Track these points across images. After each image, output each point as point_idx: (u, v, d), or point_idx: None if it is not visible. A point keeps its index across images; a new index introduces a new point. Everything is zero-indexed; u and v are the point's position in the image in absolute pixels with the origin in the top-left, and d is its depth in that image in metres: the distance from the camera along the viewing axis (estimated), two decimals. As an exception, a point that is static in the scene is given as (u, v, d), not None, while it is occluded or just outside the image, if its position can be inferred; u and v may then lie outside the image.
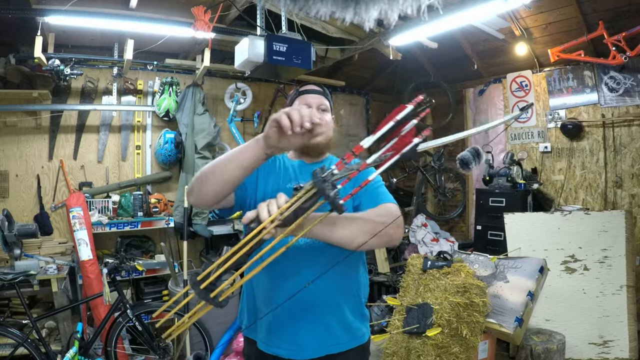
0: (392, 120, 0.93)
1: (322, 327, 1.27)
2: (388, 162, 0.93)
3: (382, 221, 1.13)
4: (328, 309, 1.28)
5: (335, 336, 1.29)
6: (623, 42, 3.40)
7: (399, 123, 0.92)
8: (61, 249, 3.43)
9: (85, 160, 3.79)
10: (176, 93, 3.98)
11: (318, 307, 1.27)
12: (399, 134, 0.92)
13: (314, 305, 1.27)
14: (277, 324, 1.29)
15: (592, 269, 3.04)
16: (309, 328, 1.27)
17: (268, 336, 1.31)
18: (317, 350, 1.27)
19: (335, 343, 1.29)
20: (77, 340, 2.64)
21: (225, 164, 1.12)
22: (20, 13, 2.74)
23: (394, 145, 0.93)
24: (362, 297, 1.38)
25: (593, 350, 2.86)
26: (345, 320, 1.31)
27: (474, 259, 2.93)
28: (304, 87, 1.43)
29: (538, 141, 4.33)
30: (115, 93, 3.86)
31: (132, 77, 3.94)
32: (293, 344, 1.27)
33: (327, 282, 1.27)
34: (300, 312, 1.27)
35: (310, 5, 1.03)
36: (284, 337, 1.28)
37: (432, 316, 2.45)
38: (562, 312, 3.01)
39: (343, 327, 1.30)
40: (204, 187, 1.15)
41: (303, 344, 1.27)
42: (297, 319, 1.27)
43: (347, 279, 1.33)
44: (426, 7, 1.02)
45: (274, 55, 2.72)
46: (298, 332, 1.27)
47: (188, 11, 2.87)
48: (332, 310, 1.29)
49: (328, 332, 1.28)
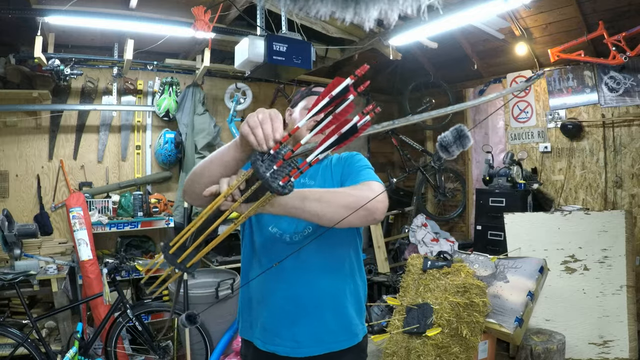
0: (327, 96, 0.83)
1: (320, 324, 1.27)
2: (324, 144, 0.83)
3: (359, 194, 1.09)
4: (326, 304, 1.28)
5: (334, 334, 1.28)
6: (623, 42, 3.40)
7: (334, 99, 0.83)
8: (61, 249, 3.44)
9: (85, 160, 3.79)
10: (176, 93, 3.98)
11: (316, 304, 1.27)
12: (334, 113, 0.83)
13: (312, 301, 1.26)
14: (274, 321, 1.28)
15: (592, 269, 3.04)
16: (307, 325, 1.26)
17: (265, 334, 1.30)
18: (316, 348, 1.27)
19: (334, 341, 1.28)
20: (77, 340, 2.64)
21: (210, 165, 1.12)
22: (20, 13, 2.74)
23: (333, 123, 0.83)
24: (362, 295, 1.38)
25: (593, 350, 2.86)
26: (345, 317, 1.30)
27: (474, 259, 2.93)
28: (315, 88, 1.43)
29: (538, 141, 4.33)
30: (115, 93, 3.86)
31: (132, 77, 3.94)
32: (291, 340, 1.26)
33: (324, 276, 1.27)
34: (297, 309, 1.26)
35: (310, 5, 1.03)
36: (281, 334, 1.27)
37: (432, 316, 2.45)
38: (562, 312, 3.01)
39: (342, 325, 1.30)
40: (194, 188, 1.14)
41: (301, 341, 1.26)
42: (294, 316, 1.26)
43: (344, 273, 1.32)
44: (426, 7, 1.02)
45: (274, 55, 2.72)
46: (296, 329, 1.26)
47: (188, 11, 2.87)
48: (330, 305, 1.28)
49: (327, 330, 1.27)
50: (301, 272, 1.26)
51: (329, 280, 1.28)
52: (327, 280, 1.28)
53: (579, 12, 3.53)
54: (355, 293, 1.35)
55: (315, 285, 1.27)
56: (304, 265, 1.26)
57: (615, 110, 3.78)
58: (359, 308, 1.36)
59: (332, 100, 0.83)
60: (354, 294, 1.35)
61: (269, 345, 1.29)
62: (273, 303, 1.28)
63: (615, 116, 3.77)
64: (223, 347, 3.09)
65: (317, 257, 1.27)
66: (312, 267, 1.27)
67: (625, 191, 3.74)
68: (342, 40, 3.73)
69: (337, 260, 1.31)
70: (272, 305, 1.29)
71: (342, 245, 1.32)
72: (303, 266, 1.26)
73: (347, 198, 1.08)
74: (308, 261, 1.26)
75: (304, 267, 1.26)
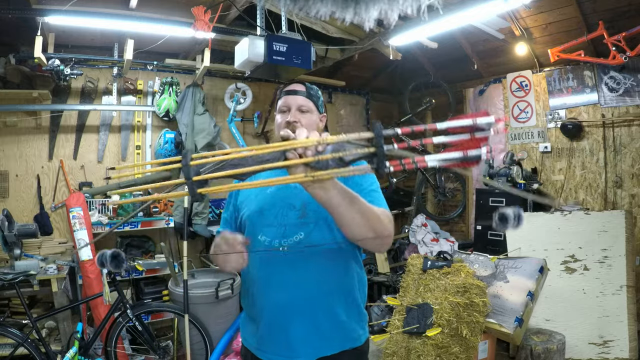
0: (470, 118, 0.86)
1: (313, 329, 1.25)
2: (449, 154, 0.84)
3: (387, 225, 1.13)
4: (319, 310, 1.26)
5: (326, 338, 1.26)
6: (623, 42, 3.40)
7: (473, 127, 0.85)
8: (61, 249, 3.43)
9: (85, 160, 3.79)
10: (176, 93, 3.98)
11: (309, 309, 1.25)
12: (471, 134, 0.84)
13: (305, 307, 1.25)
14: (270, 329, 1.27)
15: (592, 269, 3.04)
16: (301, 331, 1.24)
17: (261, 343, 1.30)
18: (310, 353, 1.25)
19: (327, 345, 1.26)
20: (77, 340, 2.64)
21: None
22: (20, 13, 2.74)
23: (461, 142, 0.85)
24: (359, 297, 1.34)
25: (593, 350, 2.86)
26: (338, 320, 1.28)
27: (474, 259, 2.93)
28: (286, 88, 1.39)
29: (538, 141, 4.33)
30: (115, 93, 3.86)
31: (132, 77, 3.94)
32: (286, 349, 1.25)
33: (318, 284, 1.25)
34: (291, 315, 1.25)
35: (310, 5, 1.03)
36: (276, 342, 1.27)
37: (432, 316, 2.45)
38: (562, 312, 3.01)
39: (335, 328, 1.27)
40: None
41: (296, 349, 1.25)
42: (288, 323, 1.25)
43: (338, 279, 1.29)
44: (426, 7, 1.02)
45: (274, 55, 2.72)
46: (290, 336, 1.25)
47: (188, 11, 2.87)
48: (324, 311, 1.26)
49: (319, 334, 1.25)
50: (295, 279, 1.25)
51: (322, 286, 1.26)
52: (319, 286, 1.25)
53: (579, 12, 3.53)
54: (351, 297, 1.32)
55: (307, 292, 1.25)
56: (297, 272, 1.24)
57: (615, 110, 3.78)
58: (356, 311, 1.33)
59: (471, 126, 0.85)
60: (349, 298, 1.31)
61: (265, 354, 1.29)
62: (268, 311, 1.27)
63: (615, 116, 3.77)
64: (223, 347, 3.09)
65: (309, 264, 1.24)
66: (306, 274, 1.25)
67: (625, 191, 3.74)
68: (342, 40, 3.72)
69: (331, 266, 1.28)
70: (267, 313, 1.27)
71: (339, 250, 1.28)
72: (297, 273, 1.24)
73: (378, 225, 1.10)
74: (302, 268, 1.24)
75: (297, 274, 1.24)
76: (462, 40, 4.32)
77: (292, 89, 1.37)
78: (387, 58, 3.74)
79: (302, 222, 1.25)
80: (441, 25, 3.21)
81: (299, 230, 1.25)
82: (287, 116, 1.33)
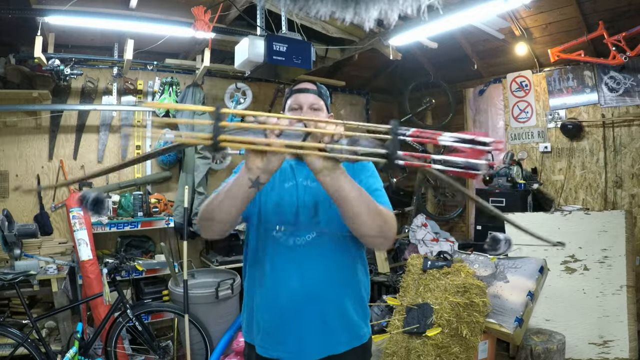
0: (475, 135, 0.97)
1: (322, 326, 1.26)
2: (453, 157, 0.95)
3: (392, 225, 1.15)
4: (329, 307, 1.27)
5: (336, 335, 1.28)
6: (623, 42, 3.40)
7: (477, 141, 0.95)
8: (61, 249, 3.43)
9: (85, 160, 3.79)
10: (176, 93, 3.98)
11: (318, 307, 1.26)
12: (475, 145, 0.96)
13: (315, 304, 1.26)
14: (277, 326, 1.27)
15: (592, 269, 3.04)
16: (309, 328, 1.25)
17: (266, 340, 1.29)
18: (318, 351, 1.26)
19: (337, 343, 1.28)
20: (77, 340, 2.64)
21: (220, 205, 1.13)
22: (20, 13, 2.74)
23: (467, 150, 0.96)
24: (365, 295, 1.37)
25: (593, 350, 2.86)
26: (346, 317, 1.30)
27: (474, 259, 2.93)
28: (297, 86, 1.39)
29: (538, 141, 4.33)
30: (115, 93, 3.86)
31: (132, 77, 3.93)
32: (294, 345, 1.26)
33: (327, 280, 1.27)
34: (299, 312, 1.25)
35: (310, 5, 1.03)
36: (283, 339, 1.27)
37: (432, 316, 2.45)
38: (562, 312, 3.01)
39: (344, 326, 1.29)
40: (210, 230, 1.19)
41: (304, 346, 1.25)
42: (297, 320, 1.26)
43: (347, 278, 1.32)
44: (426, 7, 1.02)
45: (274, 55, 2.72)
46: (298, 333, 1.25)
47: (188, 11, 2.87)
48: (333, 308, 1.28)
49: (329, 332, 1.27)
50: (304, 277, 1.25)
51: (332, 284, 1.27)
52: (329, 284, 1.27)
53: (579, 12, 3.53)
54: (359, 296, 1.34)
55: (318, 290, 1.26)
56: (307, 269, 1.25)
57: (615, 110, 3.78)
58: (362, 310, 1.35)
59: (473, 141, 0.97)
60: (357, 296, 1.34)
61: (271, 351, 1.28)
62: (275, 308, 1.27)
63: (615, 116, 3.77)
64: (223, 347, 3.09)
65: (320, 262, 1.26)
66: (315, 272, 1.26)
67: (625, 191, 3.74)
68: (342, 40, 3.72)
69: (340, 265, 1.30)
70: (275, 310, 1.27)
71: (348, 250, 1.31)
72: (306, 271, 1.25)
73: (383, 224, 1.13)
74: (311, 266, 1.26)
75: (307, 272, 1.25)
76: (462, 40, 4.32)
77: (304, 87, 1.37)
78: (387, 58, 3.74)
79: (314, 221, 1.27)
80: (441, 25, 3.21)
81: (311, 229, 1.27)
82: (298, 114, 1.34)
